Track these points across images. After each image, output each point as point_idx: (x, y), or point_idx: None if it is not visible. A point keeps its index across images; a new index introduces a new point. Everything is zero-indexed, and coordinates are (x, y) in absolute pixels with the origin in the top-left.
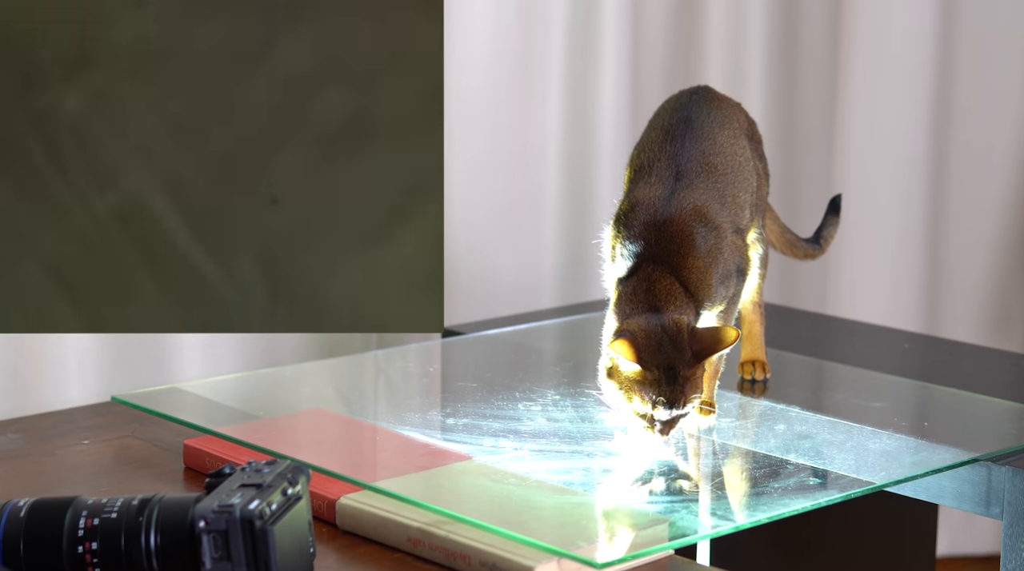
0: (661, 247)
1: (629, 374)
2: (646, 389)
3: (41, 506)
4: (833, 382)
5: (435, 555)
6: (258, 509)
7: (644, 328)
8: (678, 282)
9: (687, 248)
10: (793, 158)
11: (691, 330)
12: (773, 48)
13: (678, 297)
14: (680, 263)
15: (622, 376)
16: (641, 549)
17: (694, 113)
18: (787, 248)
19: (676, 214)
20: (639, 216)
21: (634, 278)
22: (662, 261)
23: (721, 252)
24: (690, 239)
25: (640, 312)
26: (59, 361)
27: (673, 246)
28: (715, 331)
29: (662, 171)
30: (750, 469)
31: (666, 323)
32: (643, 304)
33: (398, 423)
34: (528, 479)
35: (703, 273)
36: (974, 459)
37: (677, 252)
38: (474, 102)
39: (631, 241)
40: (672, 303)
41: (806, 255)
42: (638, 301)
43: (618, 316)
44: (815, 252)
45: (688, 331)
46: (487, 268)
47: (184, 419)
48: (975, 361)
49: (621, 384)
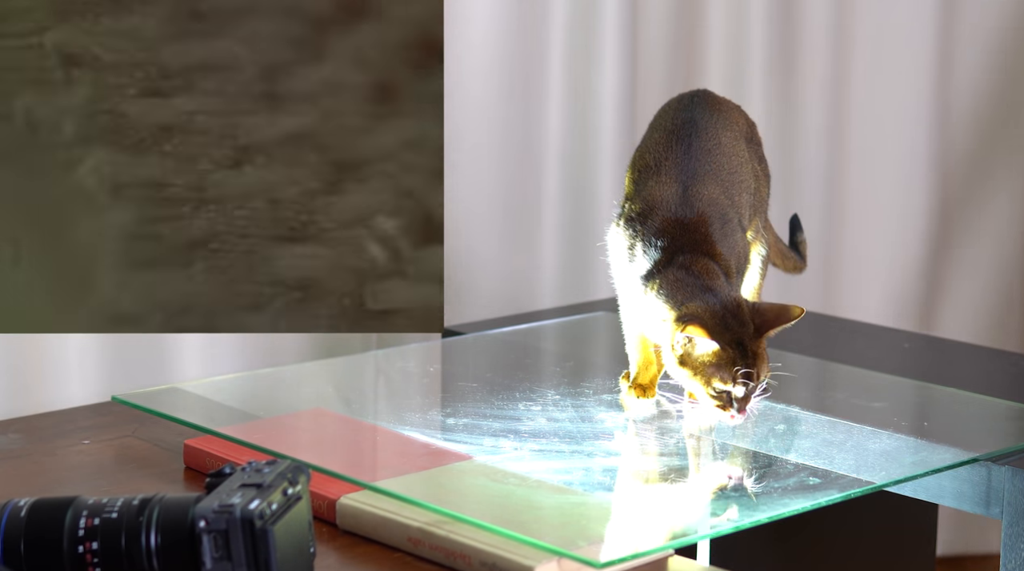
0: (687, 240)
1: (704, 357)
2: (723, 367)
3: (41, 506)
4: (833, 382)
5: (435, 555)
6: (258, 509)
7: (708, 309)
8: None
9: (711, 240)
10: (793, 158)
11: (750, 306)
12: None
13: (721, 276)
14: (710, 251)
15: (695, 361)
16: (641, 549)
17: (698, 114)
18: (778, 258)
19: (695, 209)
20: (658, 214)
21: (671, 268)
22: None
23: (736, 245)
24: (711, 232)
25: (693, 294)
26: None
27: (700, 236)
28: (778, 306)
29: (671, 170)
30: (750, 469)
31: (725, 301)
32: (696, 286)
33: (398, 423)
34: (528, 479)
35: (727, 263)
36: (974, 459)
37: (705, 241)
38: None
39: (654, 237)
40: (718, 280)
41: (795, 267)
42: (686, 285)
43: (671, 304)
44: (801, 265)
45: (748, 306)
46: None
47: (184, 419)
48: (975, 361)
49: (695, 369)
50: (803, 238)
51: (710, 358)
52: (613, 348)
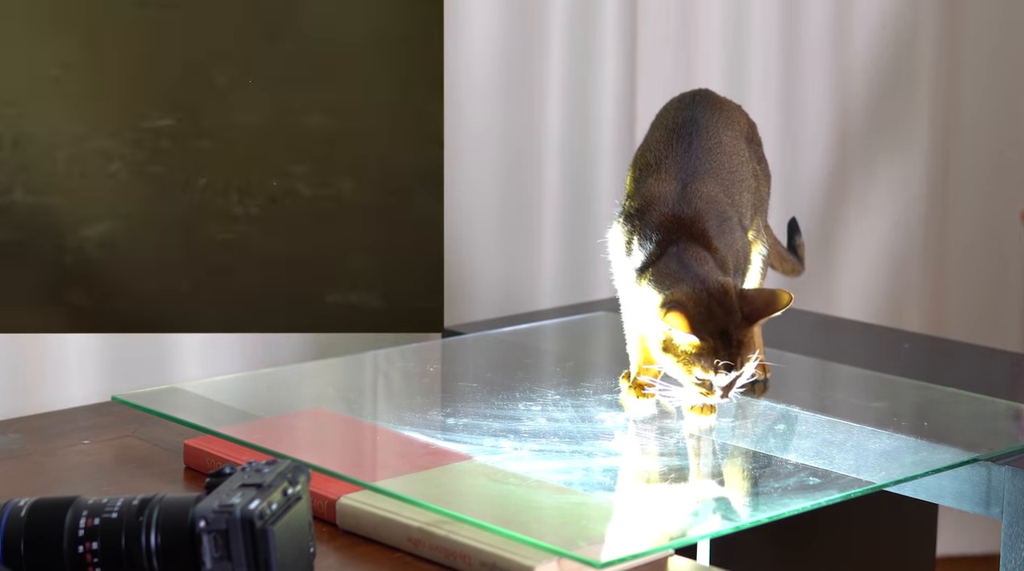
0: (682, 234)
1: (685, 346)
2: (704, 358)
3: (41, 506)
4: (833, 382)
5: (435, 555)
6: (258, 509)
7: (692, 296)
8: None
9: (708, 235)
10: (793, 158)
11: (739, 292)
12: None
13: (713, 263)
14: (706, 245)
15: (678, 349)
16: (641, 549)
17: (699, 113)
18: (777, 260)
19: (693, 206)
20: (656, 210)
21: (664, 258)
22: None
23: (735, 242)
24: (708, 229)
25: (683, 280)
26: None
27: (696, 231)
28: (767, 292)
29: (671, 168)
30: (750, 469)
31: (712, 287)
32: (683, 271)
33: (398, 423)
34: (528, 479)
35: (723, 257)
36: (974, 459)
37: (701, 236)
38: (474, 102)
39: (650, 231)
40: (708, 265)
41: (793, 270)
42: (675, 273)
43: (659, 290)
44: (799, 268)
45: (736, 293)
46: (487, 268)
47: (184, 419)
48: (975, 361)
49: (678, 357)
50: (801, 241)
51: (691, 348)
52: (613, 348)
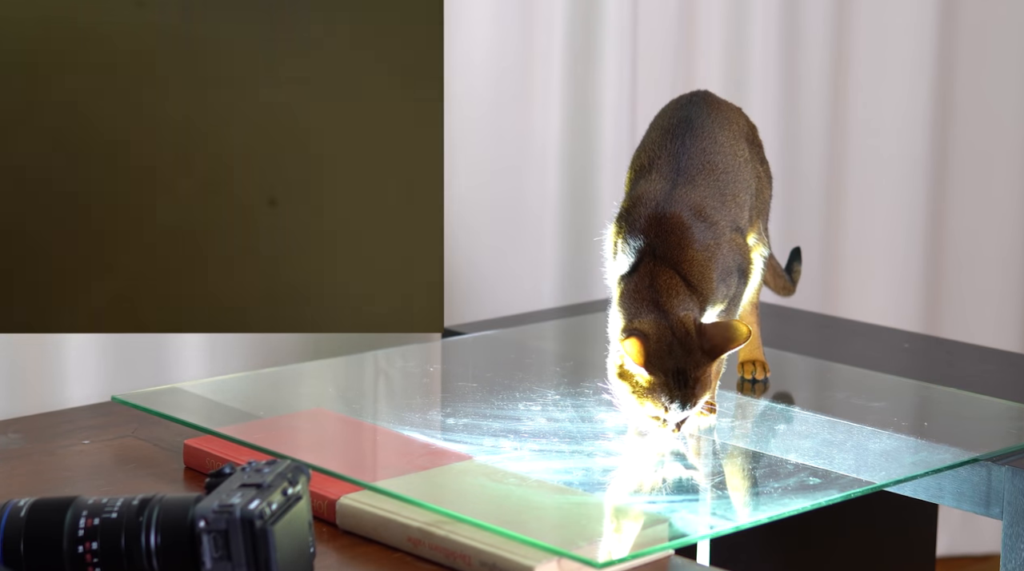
0: (661, 241)
1: (639, 378)
2: (657, 394)
3: (41, 506)
4: (833, 382)
5: (435, 555)
6: (258, 509)
7: (654, 331)
8: (679, 277)
9: (686, 242)
10: (793, 159)
11: (699, 328)
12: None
13: (681, 292)
14: (679, 257)
15: (632, 378)
16: (641, 549)
17: (694, 113)
18: (770, 274)
19: (675, 209)
20: (640, 211)
21: (636, 274)
22: (662, 256)
23: (720, 247)
24: (688, 233)
25: (646, 309)
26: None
27: (672, 239)
28: (725, 329)
29: (663, 168)
30: (750, 469)
31: (674, 323)
32: (647, 300)
33: (398, 423)
34: (528, 479)
35: (703, 267)
36: (974, 459)
37: (677, 246)
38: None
39: (632, 236)
40: (675, 297)
41: (784, 288)
42: (642, 297)
43: (624, 313)
44: (791, 289)
45: (696, 330)
46: (487, 268)
47: (184, 419)
48: (975, 361)
49: (634, 388)
50: (799, 268)
51: (646, 381)
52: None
